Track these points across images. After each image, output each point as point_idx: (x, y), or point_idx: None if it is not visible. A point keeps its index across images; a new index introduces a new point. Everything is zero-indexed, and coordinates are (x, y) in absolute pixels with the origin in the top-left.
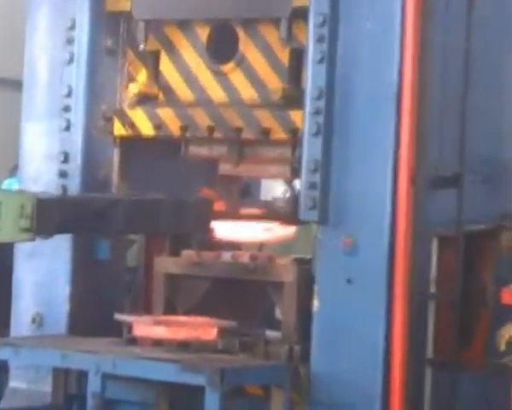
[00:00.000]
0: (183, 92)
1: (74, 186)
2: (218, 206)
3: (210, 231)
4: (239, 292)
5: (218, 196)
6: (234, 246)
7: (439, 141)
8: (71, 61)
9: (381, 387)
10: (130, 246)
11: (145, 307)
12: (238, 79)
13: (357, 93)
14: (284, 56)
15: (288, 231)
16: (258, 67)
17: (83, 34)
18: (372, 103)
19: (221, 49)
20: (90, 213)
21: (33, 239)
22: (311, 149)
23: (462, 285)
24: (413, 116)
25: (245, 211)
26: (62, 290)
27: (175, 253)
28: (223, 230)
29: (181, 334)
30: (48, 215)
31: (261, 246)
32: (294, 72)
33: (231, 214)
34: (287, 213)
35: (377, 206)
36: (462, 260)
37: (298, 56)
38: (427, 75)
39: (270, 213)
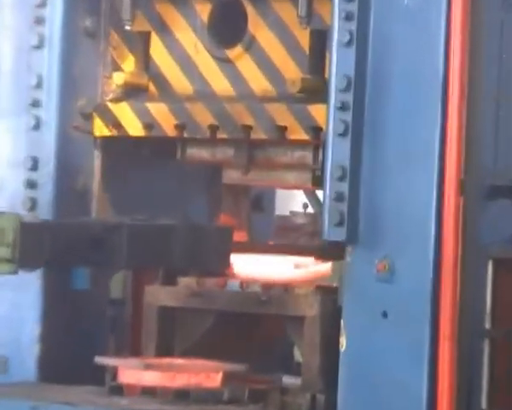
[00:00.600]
0: (180, 83)
1: (45, 198)
2: (238, 237)
3: (229, 265)
4: (249, 329)
5: (237, 225)
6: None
7: (493, 143)
8: (41, 45)
9: None
10: (115, 272)
11: (133, 349)
12: (247, 66)
13: (394, 84)
14: (303, 39)
15: (325, 267)
16: (271, 51)
17: (56, 12)
18: (412, 96)
19: (226, 29)
20: (87, 241)
21: (15, 272)
22: (336, 152)
23: None
24: (462, 112)
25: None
26: (31, 328)
27: (170, 281)
28: (242, 264)
29: (178, 381)
30: (34, 243)
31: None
32: (316, 58)
33: (251, 247)
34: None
35: (419, 222)
36: None
37: (320, 39)
38: (479, 62)
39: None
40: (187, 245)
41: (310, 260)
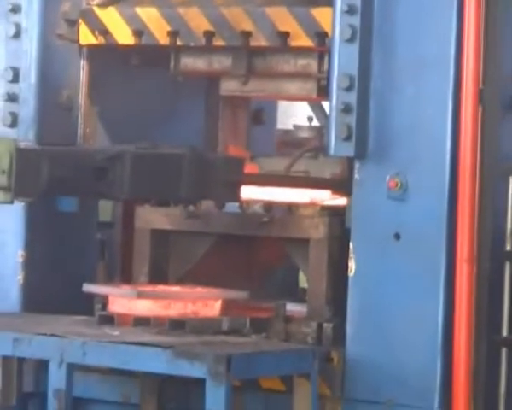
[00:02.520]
0: None
1: (27, 113)
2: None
3: (240, 199)
4: (250, 253)
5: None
6: None
7: None
8: None
9: (441, 378)
10: None
11: (124, 275)
12: None
13: None
14: None
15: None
16: None
17: None
18: None
19: None
20: (87, 170)
21: (11, 201)
22: (343, 59)
23: None
24: (480, 14)
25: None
26: (13, 254)
27: (163, 201)
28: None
29: (173, 310)
30: (31, 171)
31: None
32: None
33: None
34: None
35: (433, 135)
36: None
37: None
38: None
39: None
40: (194, 176)
41: (327, 194)
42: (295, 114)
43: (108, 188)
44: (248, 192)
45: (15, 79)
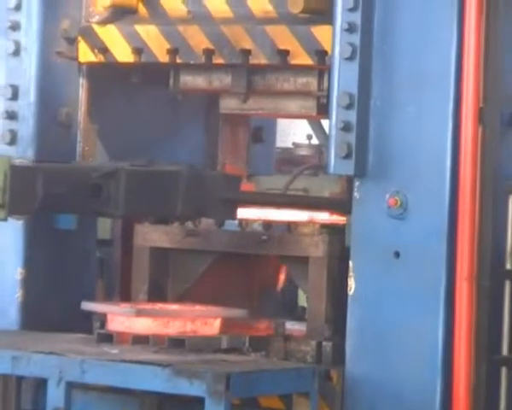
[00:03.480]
0: (172, 4)
1: (26, 130)
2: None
3: (236, 216)
4: (249, 271)
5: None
6: None
7: None
8: None
9: (441, 398)
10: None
11: (123, 293)
12: None
13: (405, 2)
14: None
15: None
16: None
17: None
18: (424, 15)
19: None
20: (82, 187)
21: (5, 219)
22: (343, 78)
23: None
24: (480, 31)
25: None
26: (12, 272)
27: (162, 219)
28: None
29: (172, 328)
30: (26, 188)
31: None
32: None
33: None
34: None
35: (433, 153)
36: None
37: None
38: None
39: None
40: (190, 193)
41: (327, 215)
42: (294, 132)
43: (103, 205)
44: (248, 211)
45: (15, 96)
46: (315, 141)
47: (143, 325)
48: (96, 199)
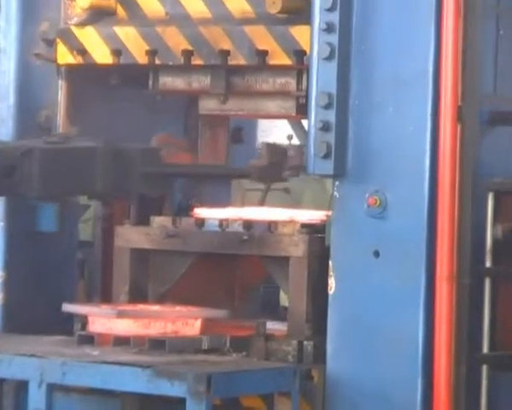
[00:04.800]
0: (150, 5)
1: (6, 133)
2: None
3: (161, 189)
4: (230, 271)
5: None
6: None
7: (493, 65)
8: None
9: (422, 396)
10: (84, 212)
11: (104, 295)
12: None
13: (384, 3)
14: None
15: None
16: None
17: None
18: (403, 14)
19: None
20: None
21: None
22: (322, 77)
23: None
24: (458, 31)
25: None
26: None
27: (143, 220)
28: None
29: (153, 329)
30: None
31: None
32: None
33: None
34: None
35: (412, 152)
36: None
37: None
38: None
39: None
40: (109, 169)
41: (305, 213)
42: (275, 133)
43: (17, 186)
44: (228, 211)
45: None
46: (296, 141)
47: (124, 327)
48: (10, 179)
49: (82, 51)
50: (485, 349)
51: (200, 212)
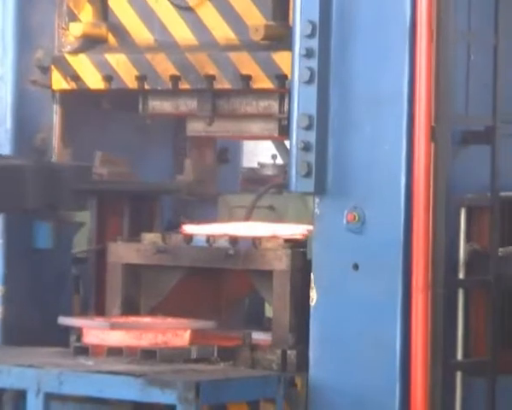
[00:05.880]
0: (140, 33)
1: None
2: None
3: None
4: (217, 285)
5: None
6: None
7: (465, 87)
8: None
9: (400, 401)
10: (78, 230)
11: (98, 308)
12: (209, 14)
13: (360, 28)
14: None
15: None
16: None
17: None
18: (378, 41)
19: None
20: None
21: None
22: (302, 100)
23: (499, 268)
24: (431, 56)
25: None
26: None
27: (134, 237)
28: (217, 229)
29: (144, 340)
30: None
31: None
32: (280, 3)
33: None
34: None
35: (388, 170)
36: (500, 236)
37: None
38: (447, 2)
39: None
40: (40, 186)
41: (289, 230)
42: (261, 153)
43: None
44: (214, 228)
45: None
46: (280, 161)
47: (117, 338)
48: None
49: (75, 77)
50: (460, 356)
51: (189, 228)
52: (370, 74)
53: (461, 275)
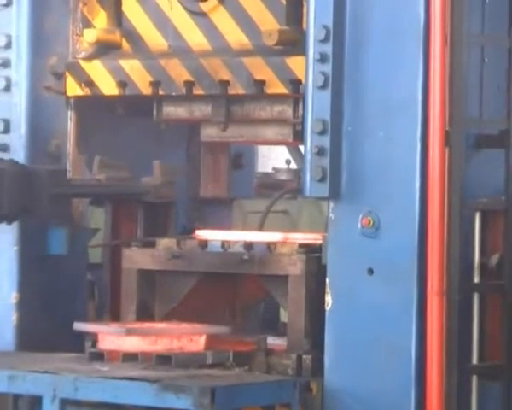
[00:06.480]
0: (154, 39)
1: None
2: None
3: (67, 209)
4: (232, 290)
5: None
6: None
7: (479, 91)
8: (9, 2)
9: (415, 406)
10: (93, 236)
11: (113, 314)
12: (222, 19)
13: (374, 32)
14: None
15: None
16: (247, 3)
17: None
18: (392, 45)
19: None
20: None
21: None
22: (316, 105)
23: None
24: (445, 60)
25: None
26: (7, 296)
27: (149, 242)
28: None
29: (160, 345)
30: None
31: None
32: (293, 8)
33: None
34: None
35: (403, 175)
36: None
37: None
38: (461, 6)
39: None
40: (16, 191)
41: (299, 235)
42: (275, 158)
43: None
44: (229, 234)
45: (6, 129)
46: (294, 166)
47: (132, 344)
48: None
49: (89, 84)
50: (475, 360)
51: (203, 234)
52: (384, 79)
53: (476, 279)
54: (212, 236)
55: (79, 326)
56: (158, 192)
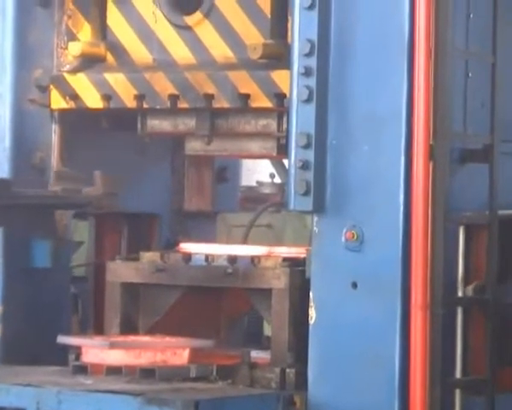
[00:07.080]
0: (138, 52)
1: (2, 174)
2: None
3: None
4: (216, 303)
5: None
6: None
7: (463, 105)
8: None
9: None
10: (77, 249)
11: (97, 327)
12: (207, 33)
13: (358, 47)
14: (265, 2)
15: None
16: (231, 17)
17: None
18: (377, 59)
19: None
20: None
21: None
22: (301, 119)
23: (498, 286)
24: (429, 75)
25: None
26: None
27: (133, 256)
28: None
29: (143, 359)
30: None
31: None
32: (278, 22)
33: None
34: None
35: (387, 189)
36: (498, 254)
37: (282, 2)
38: (445, 20)
39: None
40: None
41: (283, 248)
42: (259, 171)
43: None
44: (213, 247)
45: None
46: (278, 179)
47: (116, 357)
48: None
49: (74, 96)
50: (458, 374)
51: (187, 247)
52: (369, 93)
53: (460, 293)
54: (196, 249)
55: (63, 339)
56: (99, 203)
